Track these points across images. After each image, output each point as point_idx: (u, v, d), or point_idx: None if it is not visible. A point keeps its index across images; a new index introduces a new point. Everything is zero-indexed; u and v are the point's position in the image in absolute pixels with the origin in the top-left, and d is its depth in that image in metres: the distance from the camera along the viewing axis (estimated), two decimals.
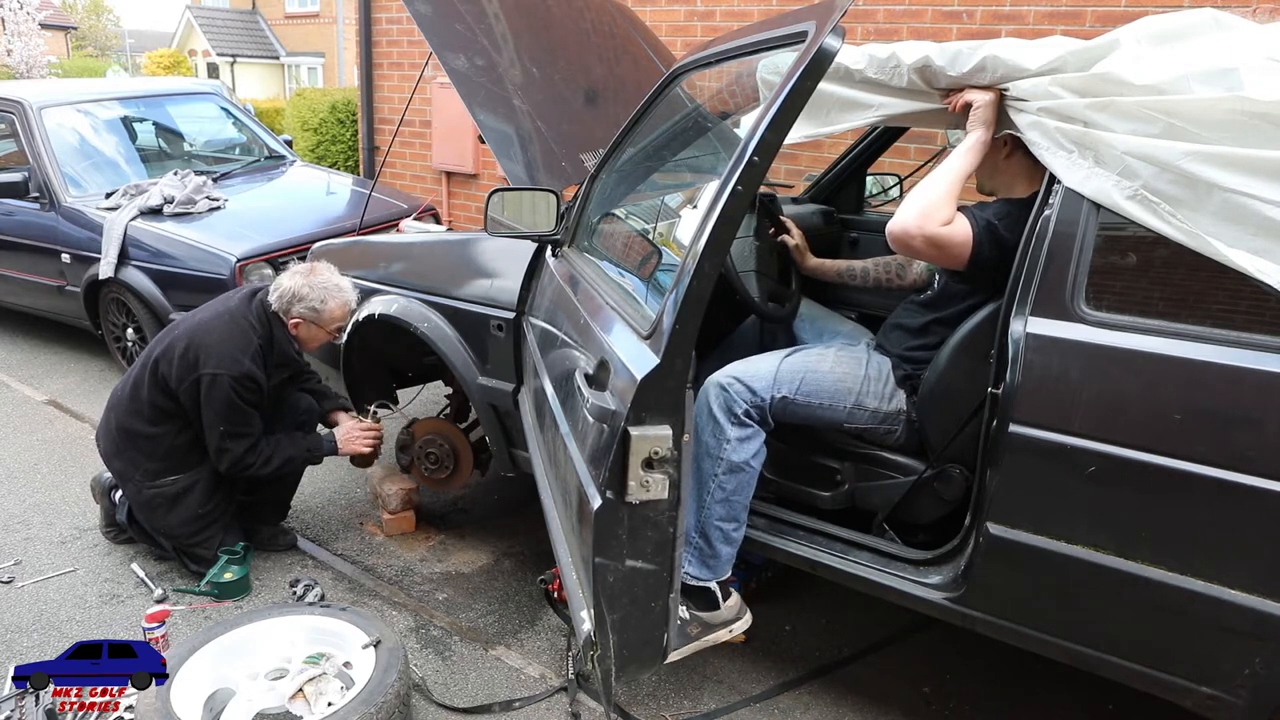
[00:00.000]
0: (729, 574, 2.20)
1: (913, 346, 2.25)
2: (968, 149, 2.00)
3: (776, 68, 2.28)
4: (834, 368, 2.24)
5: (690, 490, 2.10)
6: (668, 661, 2.02)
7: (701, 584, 2.15)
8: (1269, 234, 1.53)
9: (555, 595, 2.68)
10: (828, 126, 2.38)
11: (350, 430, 3.05)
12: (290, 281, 2.87)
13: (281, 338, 2.89)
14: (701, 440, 2.13)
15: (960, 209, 2.02)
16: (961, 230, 1.98)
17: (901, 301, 2.46)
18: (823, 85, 2.31)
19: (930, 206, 1.96)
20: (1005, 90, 1.96)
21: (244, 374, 2.74)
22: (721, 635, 2.14)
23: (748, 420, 2.14)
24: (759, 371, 2.20)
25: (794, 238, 2.85)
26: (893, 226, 1.98)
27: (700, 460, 2.12)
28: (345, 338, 3.15)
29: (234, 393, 2.73)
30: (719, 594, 2.16)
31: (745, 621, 2.18)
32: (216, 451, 2.81)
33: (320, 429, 3.14)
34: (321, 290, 2.86)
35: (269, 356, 2.86)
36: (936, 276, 2.31)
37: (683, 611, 2.13)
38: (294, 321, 2.88)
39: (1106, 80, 1.70)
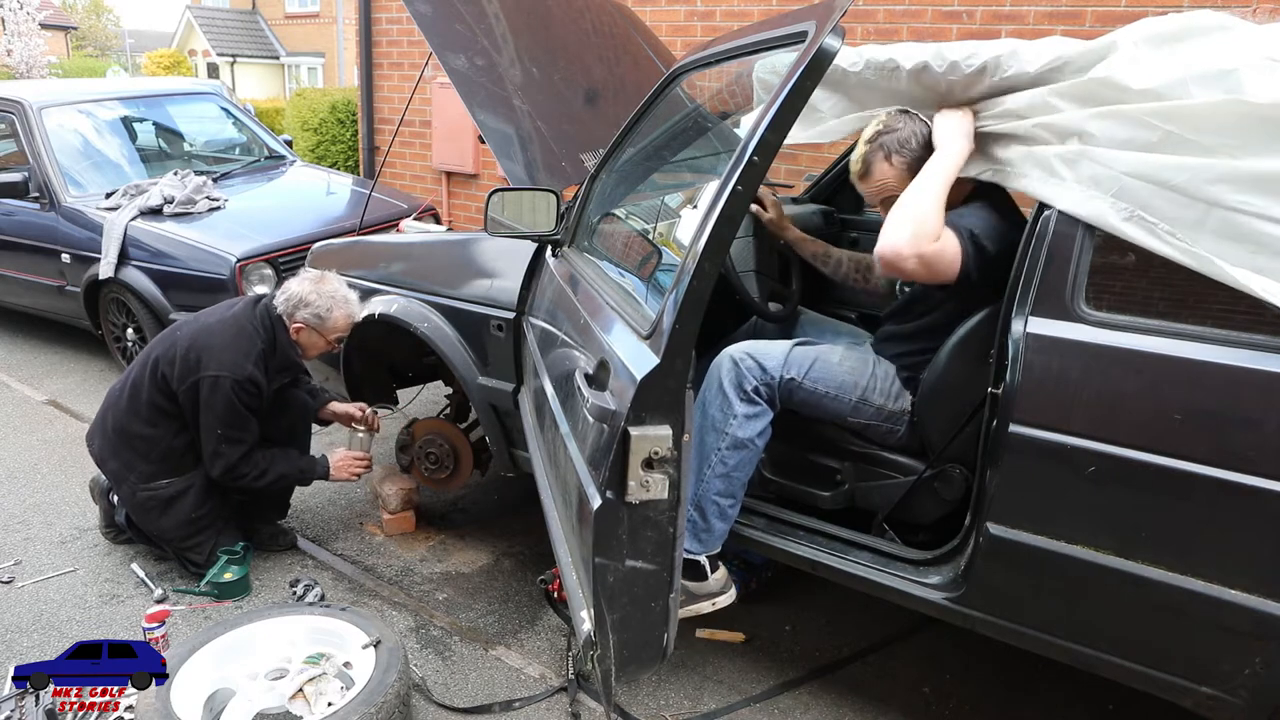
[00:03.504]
0: (719, 549, 2.21)
1: (904, 352, 2.25)
2: (951, 161, 1.95)
3: (774, 68, 2.28)
4: (843, 360, 2.25)
5: (690, 463, 2.10)
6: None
7: (692, 557, 2.16)
8: (1270, 251, 1.52)
9: (555, 595, 2.68)
10: (823, 128, 2.39)
11: (344, 458, 3.08)
12: (299, 287, 2.89)
13: (284, 342, 2.89)
14: (708, 413, 2.13)
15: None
16: (951, 247, 1.94)
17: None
18: (824, 90, 2.32)
19: (921, 225, 1.88)
20: (981, 119, 1.97)
21: (246, 377, 2.75)
22: (704, 606, 2.16)
23: (756, 398, 2.14)
24: (771, 350, 2.20)
25: (767, 211, 2.76)
26: (884, 249, 1.90)
27: (704, 433, 2.12)
28: (346, 338, 3.15)
29: (234, 396, 2.73)
30: (708, 567, 2.18)
31: (729, 596, 2.20)
32: (211, 456, 2.81)
33: (315, 447, 3.15)
34: (328, 299, 2.88)
35: (271, 361, 2.87)
36: (898, 287, 2.31)
37: None
38: (296, 326, 2.88)
39: (1105, 85, 1.69)
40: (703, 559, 2.17)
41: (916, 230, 1.88)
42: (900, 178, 2.09)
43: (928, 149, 2.05)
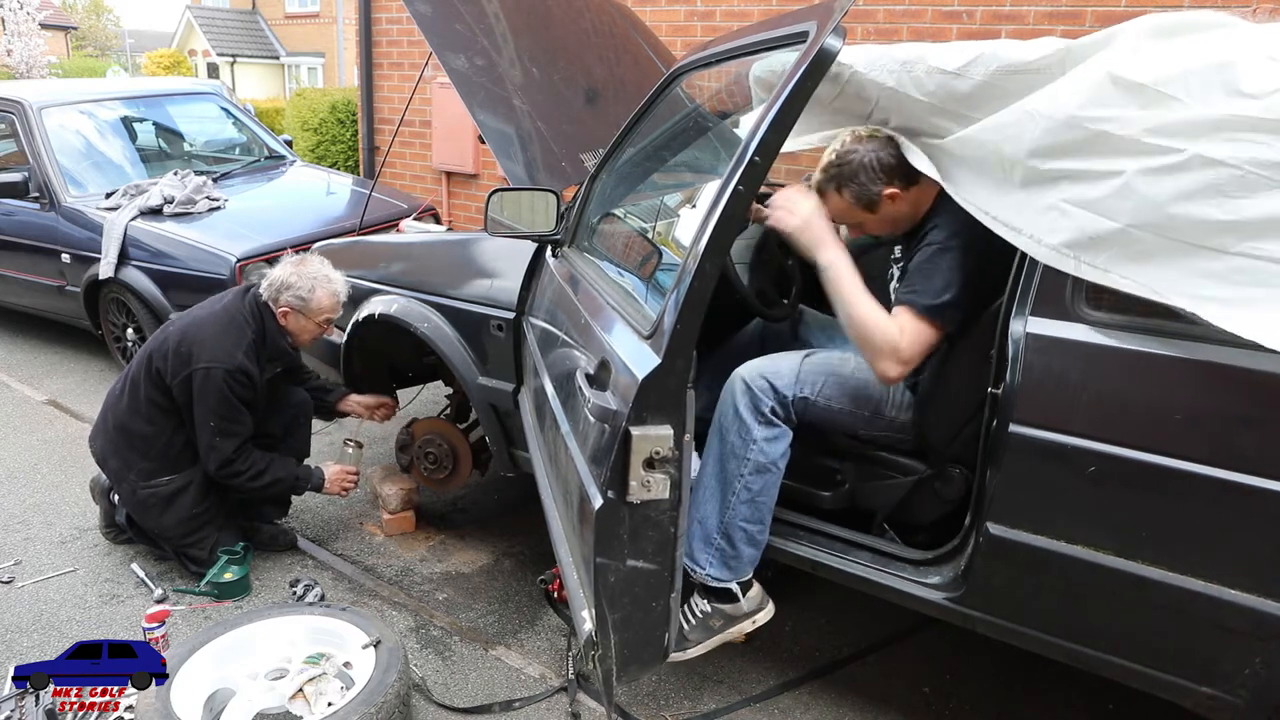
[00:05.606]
0: (750, 574, 2.18)
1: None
2: (836, 272, 1.96)
3: (770, 67, 2.28)
4: (855, 373, 2.19)
5: (713, 491, 2.09)
6: (692, 656, 2.08)
7: (723, 585, 2.14)
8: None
9: (555, 595, 2.68)
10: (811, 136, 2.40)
11: (337, 473, 3.10)
12: (280, 271, 2.91)
13: (273, 330, 2.91)
14: (726, 440, 2.10)
15: (901, 301, 1.98)
16: (924, 337, 1.95)
17: None
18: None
19: (878, 350, 1.93)
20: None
21: (237, 367, 2.75)
22: (745, 626, 2.16)
23: (775, 418, 2.10)
24: (781, 369, 2.16)
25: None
26: (878, 379, 1.99)
27: (725, 461, 2.09)
28: (346, 338, 3.16)
29: (227, 386, 2.74)
30: (739, 591, 2.16)
31: (768, 612, 2.20)
32: (207, 449, 2.82)
33: (310, 463, 3.14)
34: (310, 280, 2.89)
35: (262, 350, 2.88)
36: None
37: (705, 606, 2.14)
38: (282, 310, 2.89)
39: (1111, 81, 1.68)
40: (733, 585, 2.15)
41: (878, 357, 1.95)
42: (850, 210, 2.11)
43: (886, 174, 2.04)
